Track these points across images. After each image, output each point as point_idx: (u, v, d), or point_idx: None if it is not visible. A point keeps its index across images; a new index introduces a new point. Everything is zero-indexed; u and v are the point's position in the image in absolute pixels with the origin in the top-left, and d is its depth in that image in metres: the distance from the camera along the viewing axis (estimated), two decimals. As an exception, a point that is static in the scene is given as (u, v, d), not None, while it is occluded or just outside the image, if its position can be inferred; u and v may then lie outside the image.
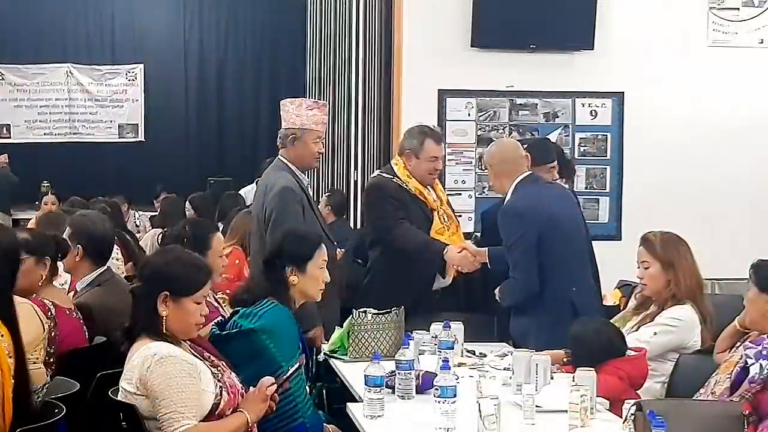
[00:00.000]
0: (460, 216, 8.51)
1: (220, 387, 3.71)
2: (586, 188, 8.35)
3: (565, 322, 4.91)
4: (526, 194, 5.49)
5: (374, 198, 6.25)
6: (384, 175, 6.26)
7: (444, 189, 6.51)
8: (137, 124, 14.36)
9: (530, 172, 5.61)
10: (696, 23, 8.85)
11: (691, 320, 4.84)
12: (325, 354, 5.22)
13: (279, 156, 5.91)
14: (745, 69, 8.86)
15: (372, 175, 6.43)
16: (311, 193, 6.11)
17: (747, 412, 3.71)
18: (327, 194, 9.41)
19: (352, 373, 4.73)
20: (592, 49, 8.58)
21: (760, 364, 3.99)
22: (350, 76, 9.48)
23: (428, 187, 6.20)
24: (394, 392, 4.29)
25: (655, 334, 4.79)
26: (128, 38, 14.61)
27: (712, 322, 4.90)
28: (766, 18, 8.89)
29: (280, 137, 5.90)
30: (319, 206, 8.89)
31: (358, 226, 9.20)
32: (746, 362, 4.07)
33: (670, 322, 4.83)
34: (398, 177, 6.14)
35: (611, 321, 5.09)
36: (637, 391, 4.55)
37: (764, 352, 4.01)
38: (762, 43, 8.90)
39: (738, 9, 8.86)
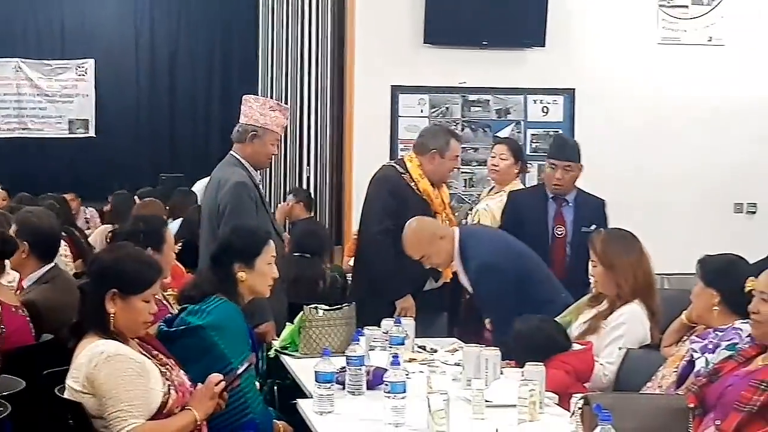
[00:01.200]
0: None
1: (169, 385, 3.67)
2: (538, 184, 8.36)
3: None
4: (479, 243, 5.48)
5: (373, 192, 6.22)
6: (397, 167, 6.23)
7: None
8: (87, 120, 14.22)
9: (454, 227, 5.61)
10: (646, 20, 8.93)
11: (637, 316, 4.86)
12: (275, 350, 5.20)
13: (232, 152, 5.83)
14: (694, 66, 8.95)
15: (384, 164, 6.37)
16: (263, 190, 6.05)
17: (693, 405, 3.73)
18: (293, 191, 9.41)
19: (302, 369, 4.71)
20: (544, 46, 8.64)
21: (706, 358, 4.02)
22: (303, 71, 9.45)
23: (435, 188, 6.18)
24: (344, 388, 4.29)
25: (620, 349, 4.80)
26: (78, 33, 14.46)
27: (660, 318, 4.93)
28: (715, 16, 8.98)
29: (239, 132, 5.80)
30: (287, 203, 8.92)
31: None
32: (692, 356, 4.10)
33: (623, 331, 4.83)
34: (410, 174, 6.13)
35: (564, 312, 5.12)
36: (585, 385, 4.58)
37: (710, 346, 4.05)
38: (711, 40, 8.99)
39: (687, 7, 8.95)
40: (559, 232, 6.24)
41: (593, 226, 6.14)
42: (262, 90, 10.94)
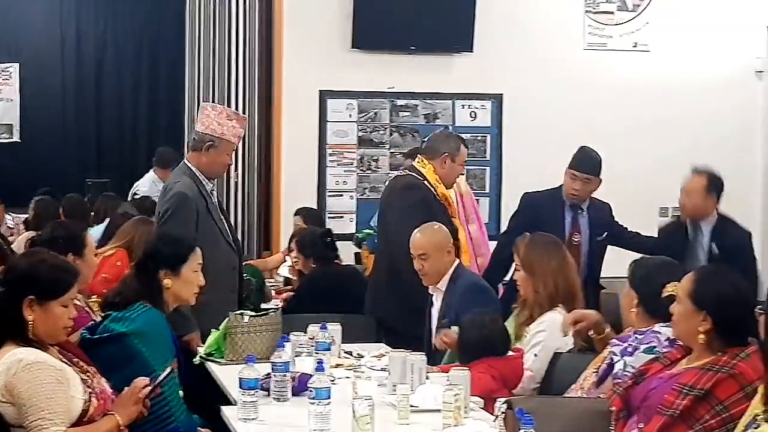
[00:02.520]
0: (342, 218, 8.57)
1: (90, 393, 3.64)
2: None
3: None
4: (472, 274, 5.61)
5: (406, 203, 6.13)
6: (414, 175, 6.20)
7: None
8: (12, 125, 14.02)
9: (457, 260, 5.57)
10: (572, 26, 9.01)
11: (557, 324, 4.88)
12: (201, 357, 5.16)
13: (185, 160, 5.83)
14: (619, 71, 9.05)
15: (399, 174, 6.30)
16: (215, 199, 5.92)
17: (617, 408, 3.76)
18: None
19: (228, 375, 4.69)
20: (472, 51, 8.68)
21: (624, 361, 4.05)
22: (230, 76, 9.40)
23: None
24: (269, 394, 4.27)
25: (535, 356, 4.83)
26: (3, 37, 14.26)
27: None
28: (640, 22, 9.10)
29: (195, 140, 5.79)
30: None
31: (239, 225, 9.12)
32: (612, 359, 4.13)
33: (540, 338, 4.86)
34: (427, 180, 6.14)
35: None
36: (513, 391, 4.59)
37: (629, 349, 4.08)
38: (636, 46, 9.11)
39: (612, 13, 9.06)
40: (576, 240, 6.46)
41: (605, 234, 6.57)
42: (189, 96, 10.87)
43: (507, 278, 6.19)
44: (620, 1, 9.07)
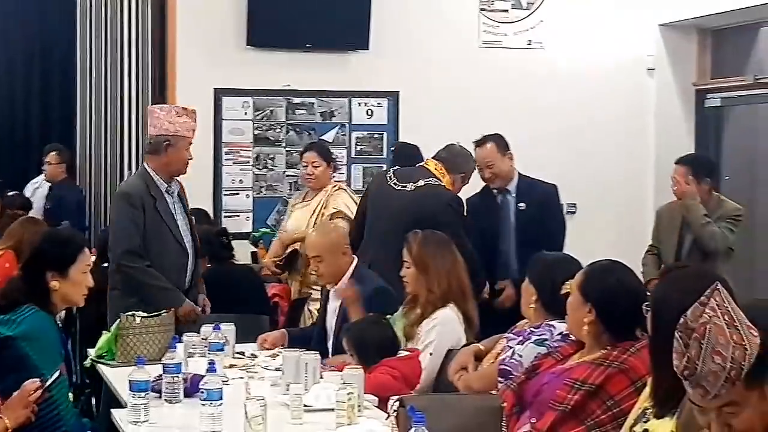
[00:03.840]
0: (238, 216, 8.50)
1: (-26, 398, 3.57)
2: (363, 186, 8.39)
3: None
4: (372, 274, 5.52)
5: (460, 214, 6.23)
6: (444, 185, 6.32)
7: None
8: None
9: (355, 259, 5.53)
10: (467, 24, 9.06)
11: (449, 320, 4.90)
12: (92, 360, 5.09)
13: (143, 164, 5.89)
14: (514, 69, 9.12)
15: (430, 183, 6.28)
16: (172, 199, 5.89)
17: (510, 404, 3.77)
18: (56, 151, 9.90)
19: (119, 378, 4.61)
20: (367, 49, 8.67)
21: (514, 349, 4.08)
22: (123, 76, 9.28)
23: None
24: (161, 396, 4.22)
25: (431, 354, 4.83)
26: None
27: (476, 323, 5.00)
28: (534, 20, 9.18)
29: (151, 144, 5.83)
30: (48, 161, 9.76)
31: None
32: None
33: (433, 336, 4.86)
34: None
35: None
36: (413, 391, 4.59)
37: (522, 340, 4.11)
38: (530, 44, 9.18)
39: (507, 11, 9.12)
40: None
41: None
42: (81, 95, 10.70)
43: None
44: (514, -1, 9.15)
